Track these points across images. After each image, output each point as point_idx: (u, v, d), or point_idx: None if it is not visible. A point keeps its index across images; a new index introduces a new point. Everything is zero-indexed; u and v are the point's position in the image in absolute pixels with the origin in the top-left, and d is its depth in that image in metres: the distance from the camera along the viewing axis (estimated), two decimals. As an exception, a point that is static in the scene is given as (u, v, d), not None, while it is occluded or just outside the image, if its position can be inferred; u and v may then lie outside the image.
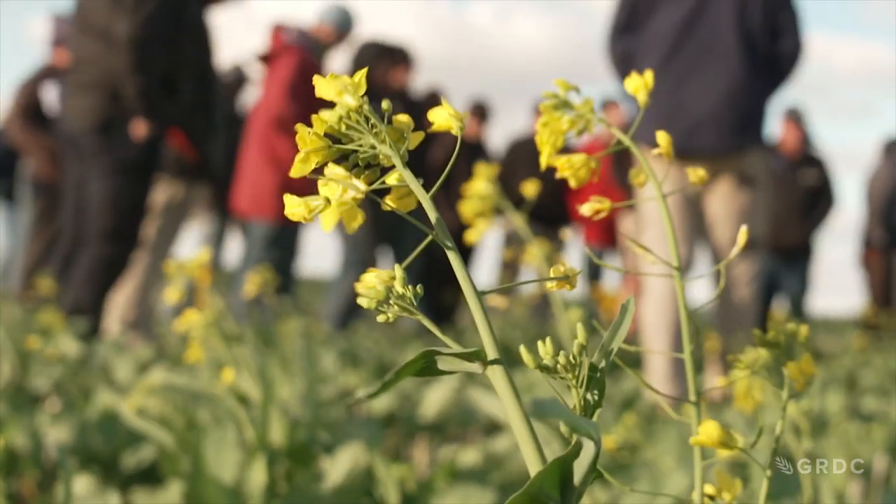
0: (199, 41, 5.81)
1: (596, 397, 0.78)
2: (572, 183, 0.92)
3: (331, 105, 0.76)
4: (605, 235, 9.62)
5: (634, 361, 5.80)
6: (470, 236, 1.85)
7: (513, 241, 8.53)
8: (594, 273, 9.83)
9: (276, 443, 2.24)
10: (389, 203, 0.78)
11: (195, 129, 5.80)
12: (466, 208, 1.87)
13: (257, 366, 2.39)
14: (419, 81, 8.40)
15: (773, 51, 4.75)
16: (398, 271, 0.77)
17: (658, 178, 0.93)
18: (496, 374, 0.75)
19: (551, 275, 0.79)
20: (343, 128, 0.76)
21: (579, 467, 0.73)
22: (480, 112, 10.00)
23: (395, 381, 0.73)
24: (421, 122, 0.74)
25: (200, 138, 5.80)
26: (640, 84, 0.92)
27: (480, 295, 0.76)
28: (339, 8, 7.37)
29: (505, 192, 1.93)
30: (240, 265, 7.35)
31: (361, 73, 0.77)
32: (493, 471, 2.30)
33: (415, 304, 0.76)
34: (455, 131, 0.77)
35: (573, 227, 9.77)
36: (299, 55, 6.95)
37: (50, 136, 7.90)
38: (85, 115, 5.33)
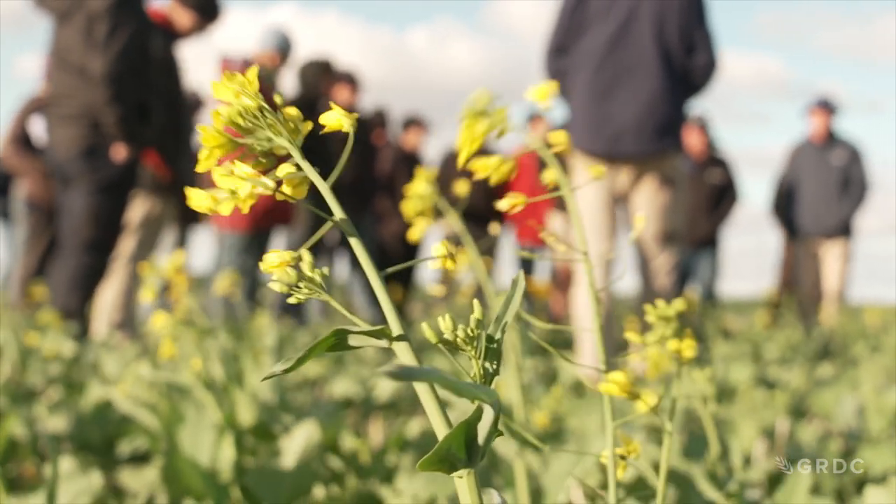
0: (168, 72, 5.91)
1: (494, 367, 0.77)
2: (492, 181, 0.92)
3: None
4: (536, 233, 9.65)
5: (568, 341, 5.83)
6: (412, 234, 1.84)
7: (452, 241, 8.53)
8: (527, 268, 9.87)
9: (244, 424, 2.23)
10: (284, 191, 0.76)
11: (167, 150, 5.94)
12: (407, 208, 1.86)
13: (226, 356, 2.38)
14: (365, 101, 8.42)
15: (688, 65, 4.80)
16: (306, 255, 0.75)
17: (568, 177, 0.93)
18: (401, 349, 0.75)
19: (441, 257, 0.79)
20: (241, 123, 0.75)
21: (482, 429, 0.73)
22: (419, 126, 10.03)
23: (308, 358, 0.72)
24: (368, 138, 0.73)
25: (172, 158, 5.95)
26: (539, 92, 0.92)
27: (383, 277, 0.75)
28: (276, 32, 7.39)
29: (442, 195, 1.93)
30: (213, 269, 7.42)
31: (253, 71, 0.75)
32: (436, 441, 2.29)
33: (323, 286, 0.75)
34: (346, 128, 0.76)
35: (507, 227, 9.82)
36: (247, 83, 6.94)
37: (41, 160, 7.92)
38: (70, 144, 5.37)
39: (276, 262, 0.74)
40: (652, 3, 4.75)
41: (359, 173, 8.05)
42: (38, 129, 8.51)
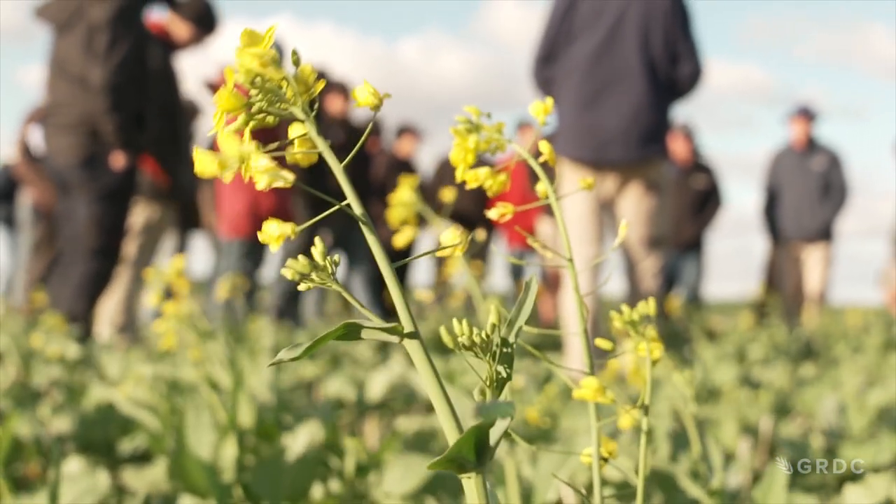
0: (167, 82, 5.93)
1: (507, 371, 0.77)
2: (488, 192, 0.93)
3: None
4: (525, 238, 9.65)
5: (557, 343, 5.84)
6: (398, 241, 1.84)
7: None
8: (517, 273, 9.90)
9: (244, 423, 2.23)
10: (294, 155, 0.74)
11: (166, 157, 5.95)
12: (392, 215, 1.87)
13: (228, 358, 2.38)
14: (358, 110, 8.43)
15: (673, 74, 4.81)
16: (319, 243, 0.74)
17: (555, 185, 0.94)
18: (412, 346, 0.74)
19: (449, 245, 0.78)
20: (255, 86, 0.72)
21: (494, 434, 0.73)
22: (412, 134, 10.04)
23: (317, 347, 0.71)
24: (363, 145, 0.73)
25: (171, 166, 5.98)
26: (540, 108, 0.93)
27: (395, 271, 0.74)
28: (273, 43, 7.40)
29: (435, 202, 1.94)
30: (213, 274, 7.45)
31: (271, 30, 0.72)
32: (431, 440, 2.31)
33: (334, 275, 0.75)
34: (373, 108, 0.75)
35: (497, 232, 9.85)
36: (245, 89, 6.99)
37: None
38: (70, 152, 5.39)
39: (276, 234, 0.71)
40: (638, 14, 4.77)
41: (354, 180, 8.04)
42: (36, 137, 8.53)
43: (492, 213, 0.94)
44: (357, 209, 0.74)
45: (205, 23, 6.18)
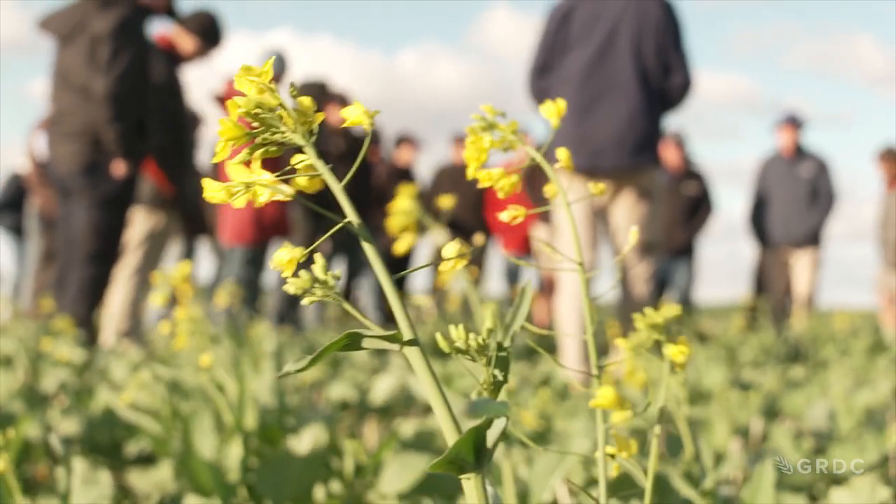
0: (172, 93, 5.96)
1: (502, 374, 0.78)
2: (499, 193, 0.93)
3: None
4: (521, 244, 9.67)
5: (551, 347, 5.85)
6: (398, 248, 1.85)
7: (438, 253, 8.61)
8: (513, 277, 9.91)
9: (248, 426, 2.24)
10: (299, 184, 0.75)
11: (171, 166, 5.98)
12: (392, 223, 1.88)
13: (232, 363, 2.39)
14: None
15: (665, 85, 4.84)
16: (319, 259, 0.75)
17: (564, 191, 0.95)
18: (412, 353, 0.74)
19: (451, 258, 0.79)
20: (257, 118, 0.73)
21: (491, 436, 0.74)
22: (410, 143, 10.06)
23: (321, 358, 0.72)
24: (364, 153, 0.74)
25: (176, 175, 6.00)
26: (553, 110, 0.94)
27: (395, 282, 0.75)
28: (272, 53, 7.43)
29: (434, 210, 1.95)
30: (216, 280, 7.46)
31: (269, 63, 0.74)
32: (430, 441, 2.31)
33: (335, 289, 0.75)
34: (366, 126, 0.76)
35: (494, 238, 9.85)
36: (252, 100, 7.04)
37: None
38: (72, 160, 5.43)
39: (287, 260, 0.72)
40: (631, 26, 4.79)
41: (355, 189, 8.09)
42: (40, 145, 8.55)
43: (503, 216, 0.94)
44: (357, 223, 0.75)
45: (210, 36, 6.21)
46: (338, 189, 0.74)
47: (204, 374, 2.33)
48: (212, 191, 0.72)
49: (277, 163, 5.05)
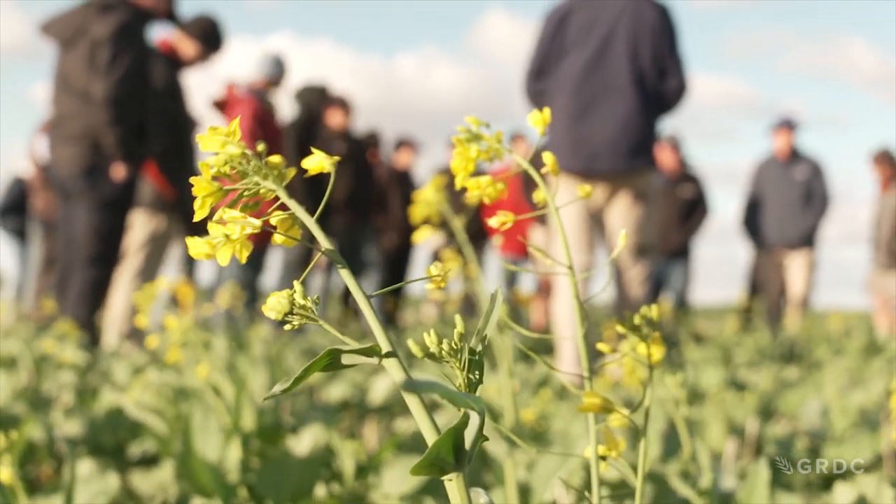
0: (173, 97, 5.98)
1: (477, 377, 0.78)
2: (485, 200, 0.94)
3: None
4: (519, 247, 9.67)
5: (551, 348, 5.85)
6: (417, 237, 1.86)
7: (438, 254, 8.62)
8: (511, 280, 9.91)
9: (247, 427, 2.24)
10: (279, 235, 0.77)
11: (172, 170, 6.00)
12: (415, 212, 1.89)
13: (230, 365, 2.39)
14: (358, 123, 8.47)
15: (660, 88, 4.84)
16: (298, 286, 0.76)
17: (554, 195, 0.95)
18: (391, 364, 0.76)
19: (433, 275, 0.80)
20: (228, 170, 0.74)
21: (469, 435, 0.74)
22: (409, 146, 10.07)
23: (304, 378, 0.73)
24: (362, 156, 0.74)
25: (176, 178, 6.02)
26: (539, 118, 0.94)
27: (370, 299, 0.76)
28: (272, 58, 7.46)
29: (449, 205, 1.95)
30: (215, 283, 7.45)
31: (235, 123, 0.75)
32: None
33: (314, 312, 0.76)
34: (328, 170, 0.77)
35: (491, 241, 9.85)
36: (252, 105, 7.08)
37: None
38: (72, 163, 5.45)
39: (277, 308, 0.74)
40: (627, 30, 4.80)
41: (356, 191, 8.09)
42: (41, 149, 8.57)
43: (492, 221, 0.95)
44: (332, 251, 0.76)
45: (211, 40, 6.23)
46: (311, 223, 0.76)
47: (201, 377, 2.33)
48: (195, 248, 0.74)
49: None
